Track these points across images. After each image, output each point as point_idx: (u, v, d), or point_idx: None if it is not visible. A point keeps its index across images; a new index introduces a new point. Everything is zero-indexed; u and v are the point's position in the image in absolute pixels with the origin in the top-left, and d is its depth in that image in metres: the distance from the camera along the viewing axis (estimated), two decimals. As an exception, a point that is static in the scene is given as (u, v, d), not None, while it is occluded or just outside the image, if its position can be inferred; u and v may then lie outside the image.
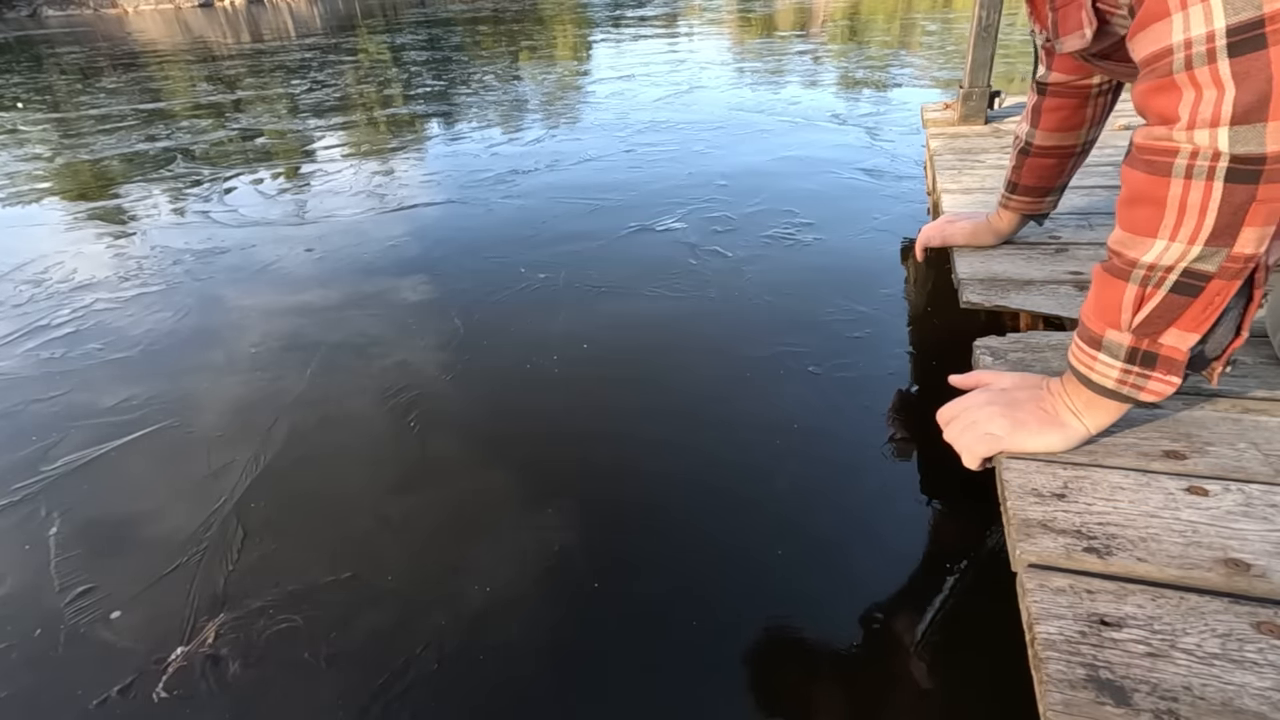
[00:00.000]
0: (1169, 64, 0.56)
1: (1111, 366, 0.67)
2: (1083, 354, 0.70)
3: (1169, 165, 0.58)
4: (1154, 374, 0.66)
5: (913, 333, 1.62)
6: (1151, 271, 0.62)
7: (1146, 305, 0.63)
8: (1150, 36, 0.57)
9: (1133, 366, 0.66)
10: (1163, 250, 0.61)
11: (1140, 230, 0.62)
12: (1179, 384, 0.66)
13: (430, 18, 12.56)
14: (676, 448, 1.32)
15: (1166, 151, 0.58)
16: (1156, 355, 0.65)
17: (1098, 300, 0.68)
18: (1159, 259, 0.61)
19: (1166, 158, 0.58)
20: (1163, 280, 0.62)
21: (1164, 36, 0.56)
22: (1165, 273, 0.61)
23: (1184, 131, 0.56)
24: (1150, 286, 0.62)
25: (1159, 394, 0.67)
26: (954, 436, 0.80)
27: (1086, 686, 0.52)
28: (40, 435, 1.47)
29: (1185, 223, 0.59)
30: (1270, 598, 0.57)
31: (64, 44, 12.29)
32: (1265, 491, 0.67)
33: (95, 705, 0.91)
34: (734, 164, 3.01)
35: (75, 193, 3.32)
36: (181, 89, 6.34)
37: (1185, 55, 0.54)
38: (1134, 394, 0.68)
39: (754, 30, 7.98)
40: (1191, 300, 0.61)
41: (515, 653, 0.95)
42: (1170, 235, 0.60)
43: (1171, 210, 0.59)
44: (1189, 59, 0.54)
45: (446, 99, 4.99)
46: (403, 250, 2.35)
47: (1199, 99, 0.55)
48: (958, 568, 1.01)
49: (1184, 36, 0.54)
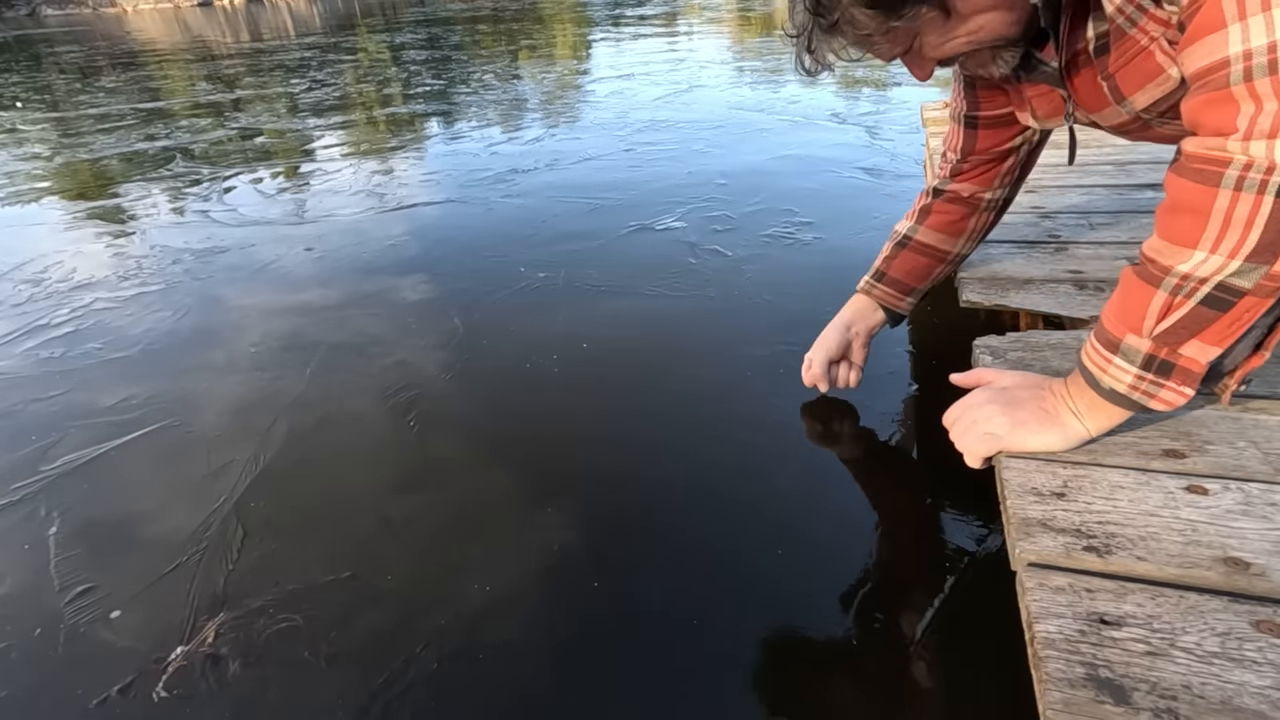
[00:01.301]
0: (1225, 76, 0.54)
1: (1126, 371, 0.67)
2: (1097, 355, 0.69)
3: (1219, 175, 0.57)
4: (1168, 383, 0.66)
5: (912, 331, 1.62)
6: (1184, 281, 0.61)
7: (1173, 314, 0.62)
8: (1204, 48, 0.56)
9: (1147, 374, 0.66)
10: (1200, 261, 0.59)
11: (1180, 240, 0.61)
12: (1191, 396, 0.65)
13: (430, 17, 12.55)
14: (676, 447, 1.32)
15: (1219, 161, 0.57)
16: (1174, 365, 0.65)
17: (1122, 303, 0.67)
18: (1195, 270, 0.60)
19: (1218, 168, 0.57)
20: (1194, 291, 0.61)
21: (1220, 48, 0.54)
22: (1199, 284, 0.60)
23: (1239, 142, 0.55)
24: (1180, 296, 0.62)
25: (1169, 404, 0.67)
26: (956, 437, 0.81)
27: (1086, 685, 0.52)
28: (40, 434, 1.47)
29: (1228, 236, 0.57)
30: (1269, 596, 0.57)
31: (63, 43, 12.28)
32: (1265, 490, 0.67)
33: (95, 705, 0.91)
34: (734, 163, 3.01)
35: (74, 192, 3.31)
36: (180, 88, 6.34)
37: (1245, 66, 0.53)
38: (1144, 401, 0.67)
39: (754, 29, 7.97)
40: (1220, 314, 0.61)
41: (515, 652, 0.95)
42: (1211, 248, 0.59)
43: (1215, 222, 0.58)
44: (1248, 70, 0.53)
45: (446, 98, 4.99)
46: (402, 249, 2.35)
47: (1259, 110, 0.53)
48: (957, 567, 1.01)
49: (1243, 48, 0.53)
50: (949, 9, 0.69)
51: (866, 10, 0.67)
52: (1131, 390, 0.67)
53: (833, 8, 0.69)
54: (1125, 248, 1.20)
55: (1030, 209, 1.43)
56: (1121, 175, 1.57)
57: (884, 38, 0.71)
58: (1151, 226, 0.65)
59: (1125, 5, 0.67)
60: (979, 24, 0.71)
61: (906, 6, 0.67)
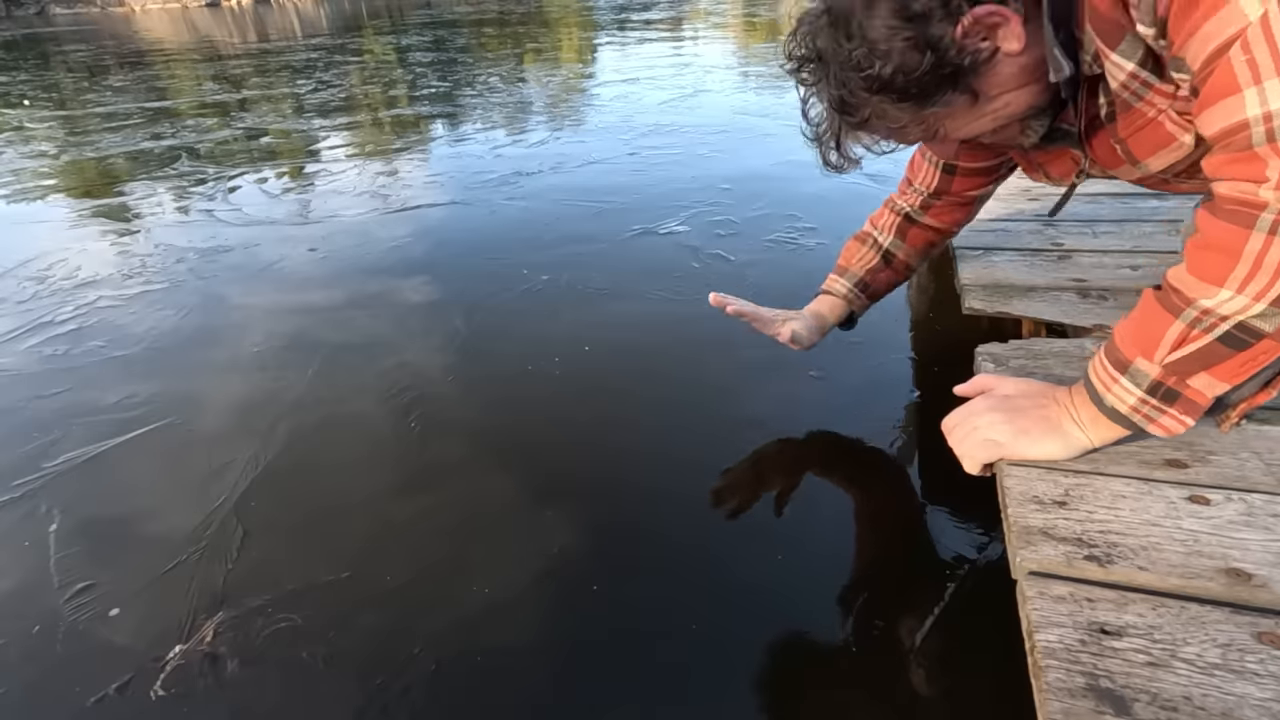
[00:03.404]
0: (1247, 138, 0.56)
1: (1130, 393, 0.67)
2: (1104, 372, 0.70)
3: (1254, 218, 0.57)
4: (1170, 410, 0.66)
5: (914, 338, 1.61)
6: (1205, 315, 0.61)
7: (1188, 346, 0.63)
8: (1221, 112, 0.57)
9: (1152, 398, 0.66)
10: (1226, 300, 0.60)
11: (1207, 276, 0.61)
12: (1191, 426, 0.66)
13: (436, 19, 12.60)
14: (676, 451, 1.32)
15: (1253, 205, 0.57)
16: (1179, 394, 0.65)
17: (1138, 326, 0.67)
18: (1218, 306, 0.60)
19: (1253, 210, 0.57)
20: (1214, 327, 0.61)
21: (1237, 111, 0.55)
22: (1219, 320, 0.61)
23: (1273, 191, 0.56)
24: (1199, 329, 0.62)
25: (1169, 431, 0.67)
26: (956, 443, 0.80)
27: (1086, 695, 0.52)
28: (42, 431, 1.48)
29: (1257, 278, 0.58)
30: (1271, 608, 0.57)
31: (71, 42, 12.34)
32: (1267, 501, 0.66)
33: (93, 703, 0.91)
34: (737, 168, 3.01)
35: (80, 190, 3.33)
36: (187, 88, 6.37)
37: (1266, 129, 0.54)
38: (1144, 424, 0.68)
39: (759, 34, 7.99)
40: (1235, 353, 0.61)
41: (514, 654, 0.94)
42: (1238, 288, 0.59)
43: (1245, 263, 0.58)
44: (1270, 132, 0.54)
45: (451, 100, 5.01)
46: (406, 251, 2.35)
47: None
48: (958, 574, 1.01)
49: (1262, 110, 0.54)
50: (977, 93, 0.71)
51: (899, 105, 0.69)
52: (1133, 412, 0.68)
53: (861, 105, 0.71)
54: (1128, 256, 1.20)
55: (1033, 217, 1.43)
56: (1124, 184, 1.57)
57: (917, 127, 0.74)
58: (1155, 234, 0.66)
59: (1130, 81, 0.69)
60: (1005, 102, 0.73)
61: (937, 95, 0.69)
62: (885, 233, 1.17)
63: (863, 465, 1.27)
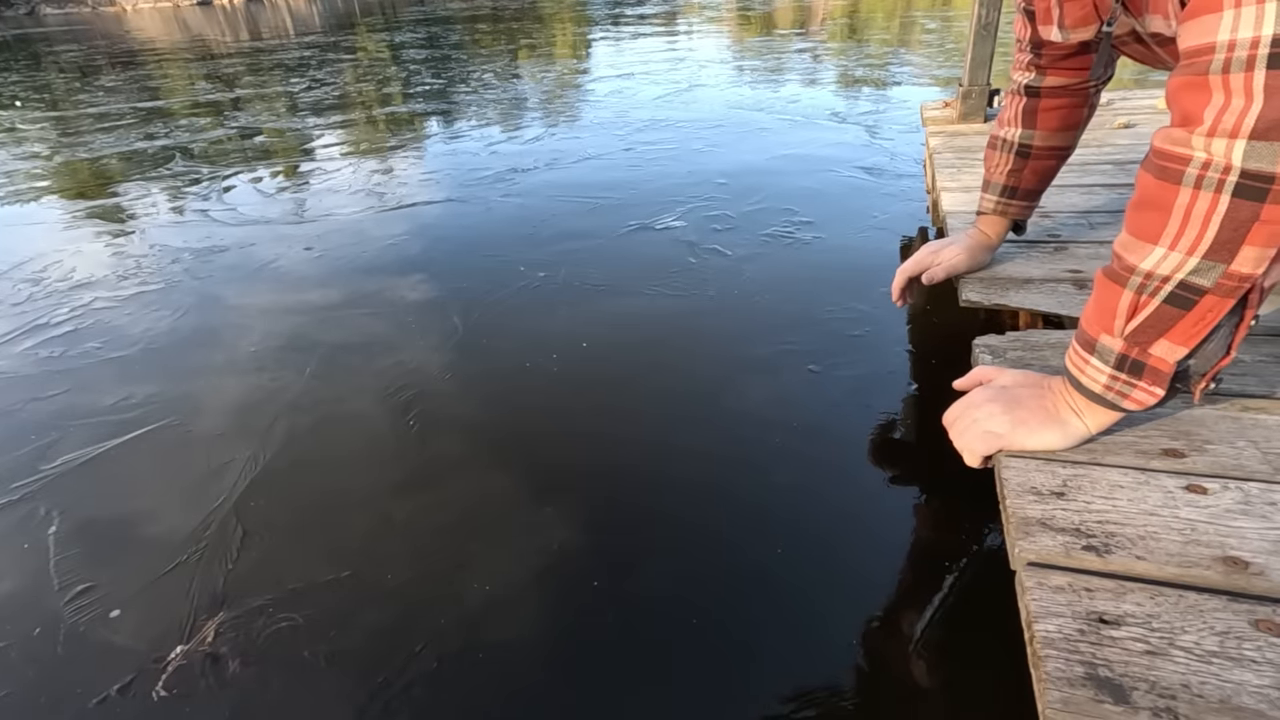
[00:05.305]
0: (1207, 62, 0.55)
1: (1101, 371, 0.68)
2: (1077, 355, 0.71)
3: (1180, 173, 0.58)
4: (1139, 383, 0.66)
5: (912, 331, 1.62)
6: (1148, 280, 0.62)
7: (1140, 313, 0.63)
8: (1198, 28, 0.56)
9: (1120, 373, 0.67)
10: (1161, 258, 0.60)
11: (1143, 235, 0.62)
12: (1162, 396, 0.66)
13: (429, 16, 12.54)
14: (675, 446, 1.32)
15: (1180, 159, 0.58)
16: (1144, 365, 0.65)
17: (1096, 304, 0.68)
18: (1156, 267, 0.61)
19: (1179, 165, 0.58)
20: (1158, 290, 0.62)
21: (1210, 31, 0.54)
22: (1161, 283, 0.61)
23: (1202, 138, 0.56)
24: (1145, 295, 0.63)
25: (1142, 404, 0.67)
26: (956, 436, 0.81)
27: (1085, 684, 0.52)
28: (39, 434, 1.47)
29: (1186, 232, 0.58)
30: (1269, 595, 0.57)
31: (62, 42, 12.26)
32: (1264, 490, 0.67)
33: (95, 704, 0.91)
34: (733, 162, 3.01)
35: (74, 191, 3.31)
36: (180, 87, 6.33)
37: (1226, 57, 0.53)
38: (1118, 401, 0.68)
39: (753, 28, 7.97)
40: (1184, 313, 0.61)
41: (515, 651, 0.95)
42: (1170, 244, 0.60)
43: (1175, 218, 0.59)
44: (1228, 61, 0.53)
45: (446, 97, 4.99)
46: (402, 249, 2.35)
47: (1226, 106, 0.54)
48: (957, 566, 1.01)
49: (1230, 37, 0.53)
50: None
51: None
52: (1106, 390, 0.68)
53: None
54: (1125, 247, 1.20)
55: (1030, 208, 1.43)
56: (1121, 175, 1.58)
57: None
58: None
59: None
60: None
61: None
62: (1011, 126, 1.09)
63: (861, 458, 1.27)
